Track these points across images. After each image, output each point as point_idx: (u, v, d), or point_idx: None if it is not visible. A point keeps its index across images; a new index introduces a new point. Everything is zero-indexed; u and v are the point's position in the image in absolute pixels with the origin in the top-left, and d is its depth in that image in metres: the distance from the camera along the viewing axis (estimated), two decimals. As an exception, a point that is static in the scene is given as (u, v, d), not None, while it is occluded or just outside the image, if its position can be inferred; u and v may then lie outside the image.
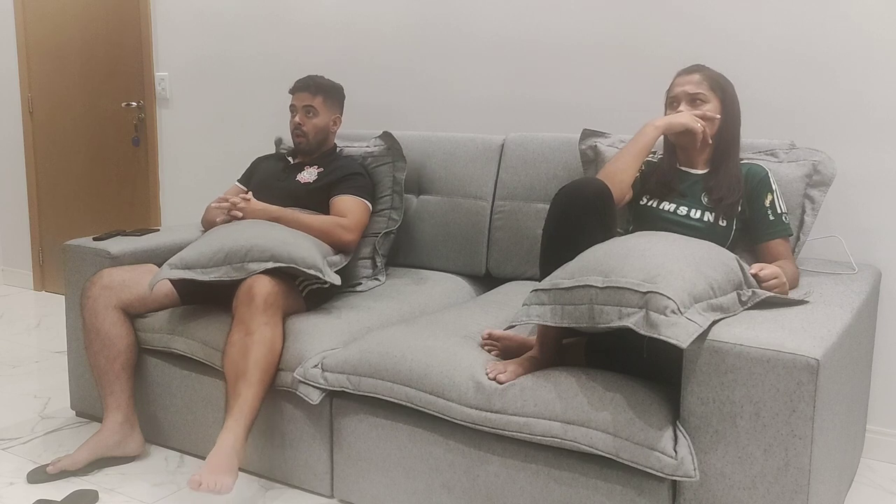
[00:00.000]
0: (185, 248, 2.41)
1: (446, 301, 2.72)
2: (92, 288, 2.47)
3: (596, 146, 2.57)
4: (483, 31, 3.15)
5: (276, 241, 2.34)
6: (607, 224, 2.01)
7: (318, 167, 2.78)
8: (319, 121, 2.80)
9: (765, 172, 2.20)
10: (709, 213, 2.16)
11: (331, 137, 2.88)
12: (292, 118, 2.82)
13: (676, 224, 2.17)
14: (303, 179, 2.75)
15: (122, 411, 2.44)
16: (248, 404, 2.16)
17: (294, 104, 2.82)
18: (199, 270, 2.33)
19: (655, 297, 1.67)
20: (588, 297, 1.77)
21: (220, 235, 2.40)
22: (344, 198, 2.68)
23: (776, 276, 1.93)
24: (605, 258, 1.81)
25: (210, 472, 2.01)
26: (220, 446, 2.08)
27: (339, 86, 2.90)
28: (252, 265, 2.29)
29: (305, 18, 3.56)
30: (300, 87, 2.82)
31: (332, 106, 2.85)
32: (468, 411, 1.94)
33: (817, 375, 1.59)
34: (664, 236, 1.91)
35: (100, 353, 2.44)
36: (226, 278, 2.31)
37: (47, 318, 4.11)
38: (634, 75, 2.86)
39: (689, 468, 1.69)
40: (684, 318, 1.65)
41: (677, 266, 1.74)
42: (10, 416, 2.85)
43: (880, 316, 2.55)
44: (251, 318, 2.23)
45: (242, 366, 2.19)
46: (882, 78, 2.48)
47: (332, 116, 2.85)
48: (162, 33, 4.01)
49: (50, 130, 4.53)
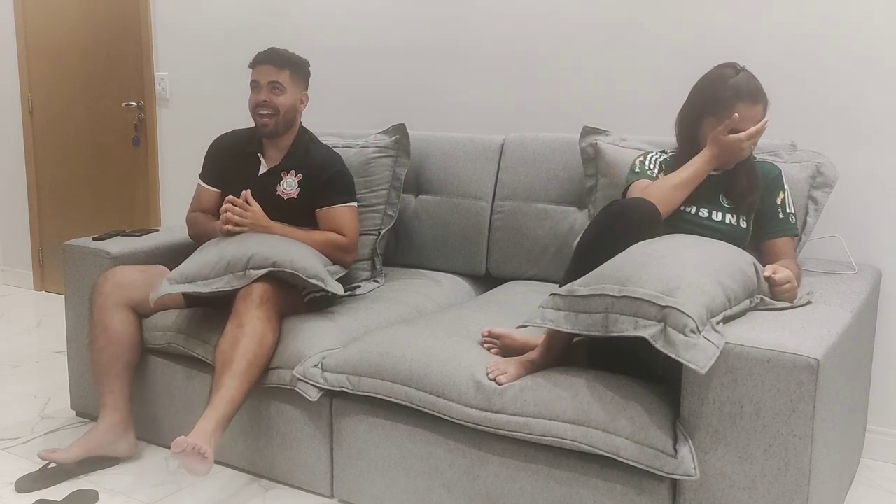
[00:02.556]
0: (184, 262, 2.39)
1: (446, 301, 2.72)
2: (105, 284, 2.45)
3: (596, 143, 2.56)
4: (483, 32, 3.14)
5: (278, 250, 2.33)
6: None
7: (295, 173, 2.59)
8: (286, 99, 2.55)
9: (778, 171, 2.19)
10: (730, 215, 2.14)
11: (297, 119, 2.63)
12: (254, 95, 2.56)
13: (699, 227, 2.12)
14: (285, 194, 2.58)
15: (118, 411, 2.43)
16: (229, 395, 2.13)
17: (256, 80, 2.55)
18: (200, 283, 2.31)
19: (674, 313, 1.65)
20: (604, 306, 1.76)
21: (220, 247, 2.38)
22: (333, 210, 2.56)
23: (789, 280, 1.92)
24: (622, 265, 1.79)
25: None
26: (195, 433, 2.03)
27: (305, 60, 2.65)
28: (254, 272, 2.28)
29: (306, 19, 3.55)
30: (262, 59, 2.56)
31: (299, 82, 2.60)
32: (468, 411, 1.94)
33: (817, 375, 1.59)
34: (683, 240, 1.90)
35: (104, 350, 2.43)
36: (228, 288, 2.29)
37: (47, 318, 4.11)
38: (634, 76, 2.86)
39: (689, 467, 1.69)
40: (703, 338, 1.64)
41: (696, 277, 1.72)
42: (10, 416, 2.85)
43: (880, 316, 2.55)
44: (245, 311, 2.23)
45: (230, 356, 2.18)
46: (882, 78, 2.48)
47: (300, 94, 2.61)
48: (162, 33, 4.01)
49: (50, 130, 4.52)
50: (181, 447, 1.98)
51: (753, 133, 2.05)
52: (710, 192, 2.17)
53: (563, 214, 2.71)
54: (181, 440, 1.99)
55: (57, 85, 4.44)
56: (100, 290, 2.45)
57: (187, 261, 2.39)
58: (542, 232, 2.74)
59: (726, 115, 2.04)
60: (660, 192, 2.07)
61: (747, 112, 2.04)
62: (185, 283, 2.32)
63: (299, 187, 2.59)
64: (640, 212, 1.94)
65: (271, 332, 2.26)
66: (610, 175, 2.50)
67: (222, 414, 2.11)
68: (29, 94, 4.55)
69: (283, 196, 2.59)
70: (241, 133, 2.73)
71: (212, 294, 2.33)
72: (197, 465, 2.00)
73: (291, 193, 2.59)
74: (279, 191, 2.59)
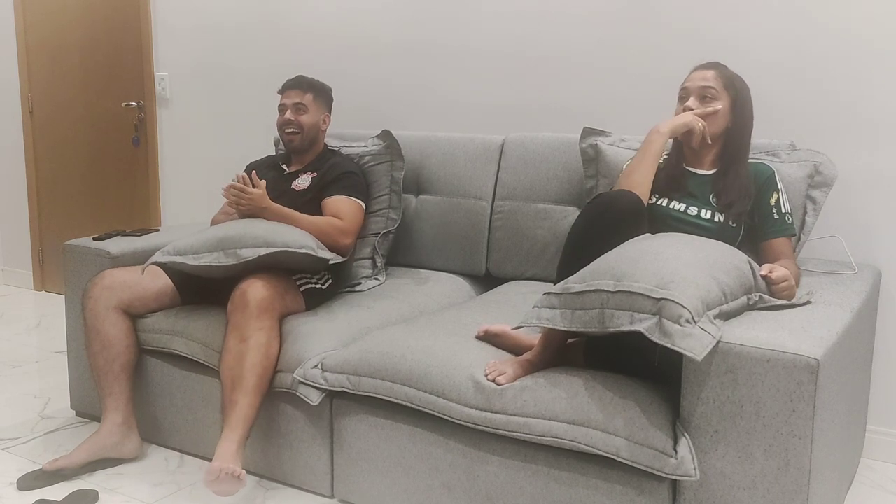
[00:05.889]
0: (179, 239, 2.42)
1: (446, 301, 2.72)
2: (93, 288, 2.47)
3: (597, 144, 2.57)
4: (483, 32, 3.15)
5: (269, 229, 2.35)
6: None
7: (311, 173, 2.75)
8: (309, 118, 2.77)
9: (771, 171, 2.20)
10: (719, 214, 2.15)
11: (321, 137, 2.85)
12: (281, 116, 2.79)
13: (687, 224, 2.15)
14: (297, 187, 2.72)
15: (120, 412, 2.44)
16: (244, 412, 2.17)
17: (284, 102, 2.80)
18: (190, 256, 2.33)
19: (669, 304, 1.66)
20: (599, 302, 1.76)
21: (216, 228, 2.41)
22: (337, 199, 2.65)
23: (786, 278, 1.93)
24: (616, 261, 1.79)
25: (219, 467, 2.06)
26: (219, 456, 2.09)
27: (328, 86, 2.89)
28: (244, 251, 2.28)
29: (306, 19, 3.55)
30: (290, 85, 2.82)
31: (322, 105, 2.83)
32: (468, 411, 1.94)
33: (817, 375, 1.59)
34: (676, 238, 1.90)
35: (100, 354, 2.44)
36: (216, 263, 2.29)
37: (47, 318, 4.11)
38: (634, 76, 2.86)
39: (689, 468, 1.69)
40: (698, 328, 1.64)
41: (691, 271, 1.73)
42: (10, 416, 2.85)
43: (880, 316, 2.55)
44: (245, 324, 2.23)
45: (238, 372, 2.19)
46: (881, 78, 2.48)
47: (322, 115, 2.83)
48: (162, 33, 4.01)
49: (50, 130, 4.53)
50: (215, 475, 2.04)
51: (700, 105, 2.16)
52: (700, 190, 2.19)
53: (563, 214, 2.72)
54: (214, 468, 2.05)
55: (57, 84, 4.44)
56: (89, 295, 2.47)
57: (183, 237, 2.41)
58: (542, 232, 2.74)
59: (684, 85, 2.22)
60: (627, 179, 2.16)
61: (696, 73, 2.20)
62: (177, 255, 2.34)
63: (311, 182, 2.72)
64: (624, 201, 1.99)
65: (275, 340, 2.26)
66: (610, 176, 2.50)
67: (241, 433, 2.15)
68: (29, 93, 4.55)
69: (295, 189, 2.72)
70: (272, 155, 3.03)
71: (199, 269, 2.33)
72: (232, 486, 2.08)
73: (303, 186, 2.72)
74: (293, 185, 2.73)
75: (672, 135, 2.17)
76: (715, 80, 2.17)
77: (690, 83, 2.20)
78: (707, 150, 2.22)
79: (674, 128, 2.16)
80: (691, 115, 2.16)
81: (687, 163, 2.26)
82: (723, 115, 2.17)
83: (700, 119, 2.15)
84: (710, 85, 2.16)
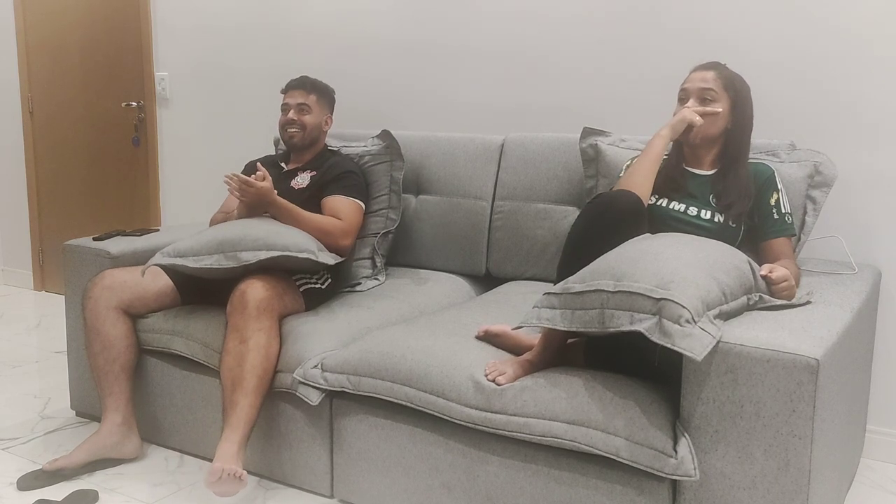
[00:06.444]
0: (180, 240, 2.41)
1: (446, 301, 2.72)
2: (93, 289, 2.47)
3: (597, 144, 2.57)
4: (483, 32, 3.15)
5: (269, 231, 2.35)
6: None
7: (310, 171, 2.75)
8: (312, 118, 2.77)
9: (771, 171, 2.20)
10: (719, 215, 2.15)
11: (322, 137, 2.85)
12: (284, 115, 2.79)
13: (687, 224, 2.15)
14: (296, 185, 2.71)
15: (120, 412, 2.44)
16: (245, 413, 2.17)
17: (287, 102, 2.80)
18: (191, 258, 2.33)
19: (669, 304, 1.66)
20: (599, 302, 1.76)
21: (216, 230, 2.40)
22: (336, 199, 2.65)
23: (786, 278, 1.93)
24: (616, 262, 1.79)
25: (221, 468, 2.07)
26: (220, 457, 2.09)
27: (331, 88, 2.89)
28: (244, 254, 2.28)
29: (306, 19, 3.55)
30: (294, 85, 2.82)
31: (325, 105, 2.84)
32: (468, 411, 1.94)
33: (817, 375, 1.59)
34: (676, 238, 1.90)
35: (100, 354, 2.44)
36: (216, 266, 2.29)
37: (47, 318, 4.11)
38: (634, 76, 2.86)
39: (689, 468, 1.69)
40: (698, 328, 1.64)
41: (691, 271, 1.73)
42: (10, 416, 2.85)
43: (880, 316, 2.55)
44: (245, 325, 2.23)
45: (238, 374, 2.19)
46: (881, 78, 2.48)
47: (324, 116, 2.83)
48: (162, 33, 4.01)
49: (50, 130, 4.53)
50: (217, 475, 2.05)
51: (700, 106, 2.15)
52: (700, 190, 2.19)
53: (563, 214, 2.72)
54: (216, 468, 2.05)
55: (57, 84, 4.44)
56: (89, 295, 2.47)
57: (184, 239, 2.41)
58: (542, 232, 2.74)
59: (683, 86, 2.22)
60: (625, 180, 2.15)
61: (696, 74, 2.20)
62: (177, 257, 2.34)
63: (310, 180, 2.72)
64: (624, 201, 1.99)
65: (274, 340, 2.26)
66: (610, 176, 2.50)
67: (242, 434, 2.16)
68: (29, 93, 4.55)
69: (294, 187, 2.71)
70: (271, 155, 3.00)
71: (200, 271, 2.33)
72: (233, 487, 2.09)
73: (302, 185, 2.72)
74: (292, 183, 2.73)
75: (673, 135, 2.17)
76: (714, 81, 2.17)
77: (690, 84, 2.20)
78: (707, 151, 2.22)
79: (673, 127, 2.16)
80: (690, 110, 2.16)
81: (687, 163, 2.26)
82: (722, 116, 2.17)
83: (698, 115, 2.15)
84: (709, 87, 2.16)
